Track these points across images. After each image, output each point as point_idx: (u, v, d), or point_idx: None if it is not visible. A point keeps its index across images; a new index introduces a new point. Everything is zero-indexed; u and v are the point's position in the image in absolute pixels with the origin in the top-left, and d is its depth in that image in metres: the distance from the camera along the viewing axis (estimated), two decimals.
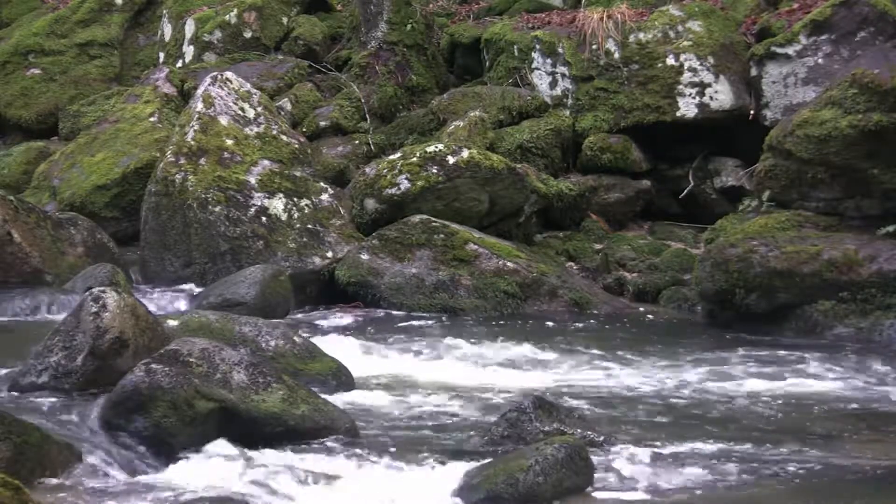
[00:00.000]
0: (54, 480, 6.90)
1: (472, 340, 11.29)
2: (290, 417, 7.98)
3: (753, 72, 14.59)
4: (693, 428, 8.63)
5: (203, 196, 13.19)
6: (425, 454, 7.83)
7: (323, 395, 8.53)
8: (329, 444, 7.96)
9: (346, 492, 7.15)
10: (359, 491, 7.15)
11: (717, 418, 8.97)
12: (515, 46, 15.66)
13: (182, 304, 12.13)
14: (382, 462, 7.68)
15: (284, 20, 17.23)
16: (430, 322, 12.22)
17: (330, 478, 7.37)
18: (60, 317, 9.83)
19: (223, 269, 12.79)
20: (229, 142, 13.55)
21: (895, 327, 11.39)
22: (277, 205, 13.31)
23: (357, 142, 15.45)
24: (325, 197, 13.69)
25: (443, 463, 7.58)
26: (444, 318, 12.35)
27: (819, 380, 10.15)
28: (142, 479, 7.24)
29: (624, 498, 7.21)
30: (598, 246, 14.08)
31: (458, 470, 7.35)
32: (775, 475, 7.67)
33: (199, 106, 13.81)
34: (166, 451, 7.64)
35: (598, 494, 7.23)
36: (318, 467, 7.53)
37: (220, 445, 7.72)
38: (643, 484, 7.44)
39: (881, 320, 11.47)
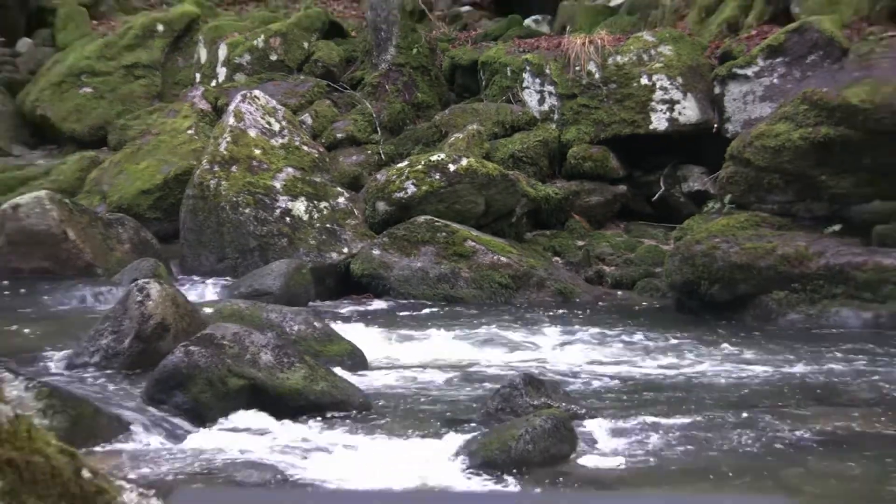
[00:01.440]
0: (106, 447, 6.93)
1: (471, 325, 11.31)
2: (311, 393, 8.01)
3: (717, 90, 14.60)
4: (665, 402, 8.66)
5: (234, 199, 13.21)
6: (429, 425, 7.86)
7: (339, 374, 8.56)
8: (345, 416, 7.99)
9: (359, 459, 7.15)
10: (371, 458, 7.16)
11: (685, 393, 8.99)
12: (508, 68, 15.69)
13: (216, 294, 12.15)
14: (391, 432, 7.70)
15: (305, 45, 17.23)
16: (433, 309, 12.24)
17: (345, 446, 7.38)
18: (110, 305, 9.85)
19: (252, 263, 12.82)
20: (257, 151, 13.57)
21: (840, 314, 11.42)
22: (300, 207, 13.32)
23: (369, 152, 15.46)
24: (341, 200, 13.70)
25: (445, 433, 7.60)
26: (445, 306, 12.38)
27: (773, 360, 10.17)
28: (181, 446, 7.26)
29: (603, 464, 7.22)
30: (580, 243, 14.10)
31: (458, 439, 7.38)
32: (736, 442, 7.69)
33: (231, 120, 13.83)
34: (203, 422, 7.67)
35: (580, 460, 7.25)
36: (335, 437, 7.55)
37: (250, 417, 7.75)
38: (621, 451, 7.46)
39: (828, 308, 11.49)
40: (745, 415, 8.36)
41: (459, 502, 1.81)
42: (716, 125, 14.49)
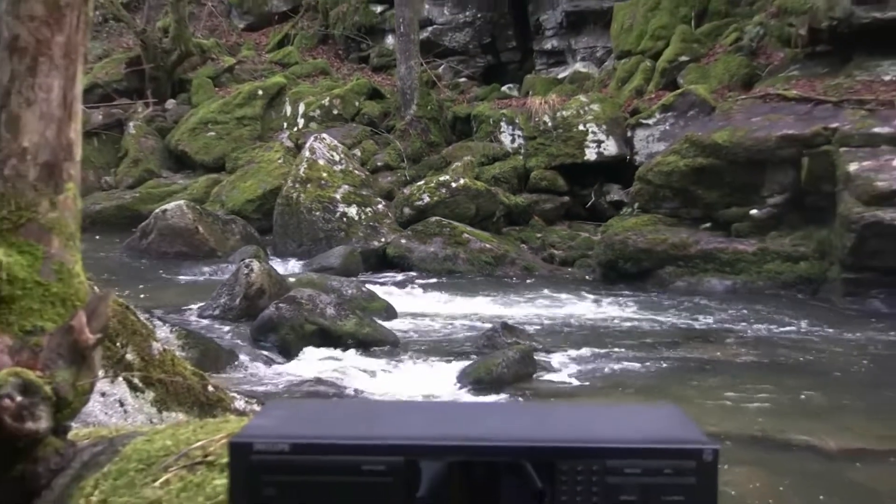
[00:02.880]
0: (223, 371, 6.93)
1: (466, 290, 11.31)
2: (360, 334, 8.00)
3: (629, 134, 14.54)
4: (596, 341, 8.64)
5: (309, 206, 13.20)
6: (439, 356, 7.85)
7: (378, 321, 8.56)
8: (382, 350, 7.98)
9: (392, 378, 7.16)
10: (400, 378, 7.17)
11: (609, 335, 8.98)
12: (491, 118, 15.62)
13: (297, 269, 12.15)
14: (414, 361, 7.70)
15: (356, 103, 17.18)
16: (441, 279, 12.22)
17: (383, 370, 7.38)
18: (226, 276, 9.86)
19: (321, 249, 12.80)
20: (324, 174, 13.53)
21: (710, 282, 11.40)
22: (352, 211, 13.29)
23: (399, 174, 15.42)
24: (380, 207, 13.65)
25: (449, 361, 7.60)
26: (449, 277, 12.36)
27: (667, 312, 10.17)
28: (274, 369, 7.27)
29: (554, 382, 7.23)
30: (539, 235, 14.03)
31: (457, 365, 7.37)
32: (643, 366, 7.69)
33: (307, 153, 13.81)
34: (288, 354, 7.68)
35: (539, 377, 7.27)
36: (376, 364, 7.54)
37: (319, 351, 7.76)
38: (567, 373, 7.46)
39: (702, 278, 11.48)
40: (649, 348, 8.36)
41: (461, 407, 1.77)
42: (628, 157, 14.42)
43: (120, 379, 3.21)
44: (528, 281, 12.32)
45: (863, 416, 6.63)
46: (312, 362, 7.52)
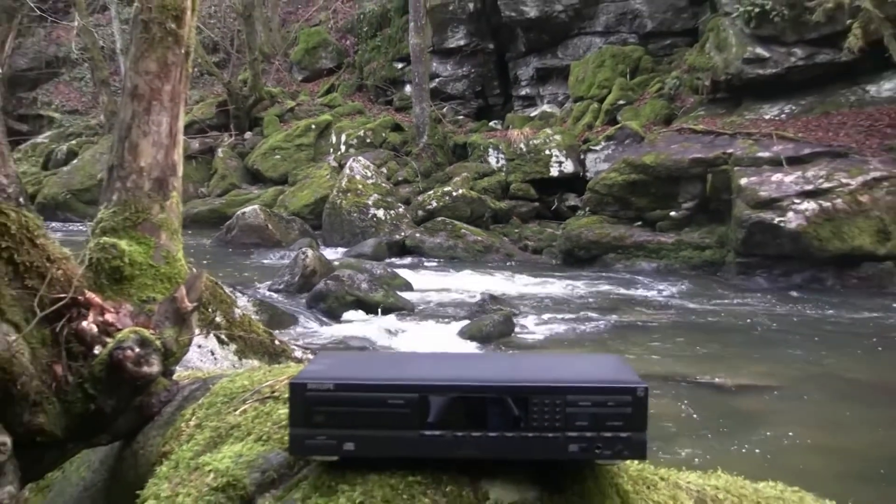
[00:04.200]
0: (286, 330, 6.94)
1: (463, 270, 11.32)
2: (386, 303, 8.01)
3: (582, 157, 14.46)
4: (559, 308, 8.65)
5: (349, 209, 13.21)
6: (444, 319, 7.85)
7: (400, 293, 8.56)
8: (403, 314, 7.99)
9: (411, 336, 7.17)
10: (416, 335, 7.17)
11: (568, 303, 8.99)
12: (481, 145, 15.58)
13: (340, 255, 12.15)
14: (426, 323, 7.70)
15: (383, 134, 17.13)
16: (445, 263, 12.24)
17: (402, 329, 7.39)
18: (288, 261, 9.87)
19: (357, 240, 12.81)
20: (360, 186, 13.54)
21: (641, 265, 11.43)
22: (380, 213, 13.30)
23: (414, 186, 15.39)
24: (400, 210, 13.65)
25: (451, 323, 7.60)
26: (451, 262, 12.37)
27: (610, 286, 10.17)
28: (323, 329, 7.27)
29: (529, 338, 7.22)
30: (516, 230, 14.00)
31: (457, 326, 7.37)
32: (594, 326, 7.69)
33: (347, 171, 13.82)
34: (333, 317, 7.68)
35: (516, 334, 7.26)
36: (398, 325, 7.55)
37: (356, 315, 7.76)
38: (539, 332, 7.46)
39: (635, 262, 11.51)
40: (597, 313, 8.35)
41: (460, 356, 1.78)
42: (581, 173, 14.35)
43: (211, 335, 3.22)
44: (508, 264, 12.33)
45: (750, 361, 6.64)
46: (351, 324, 7.54)
